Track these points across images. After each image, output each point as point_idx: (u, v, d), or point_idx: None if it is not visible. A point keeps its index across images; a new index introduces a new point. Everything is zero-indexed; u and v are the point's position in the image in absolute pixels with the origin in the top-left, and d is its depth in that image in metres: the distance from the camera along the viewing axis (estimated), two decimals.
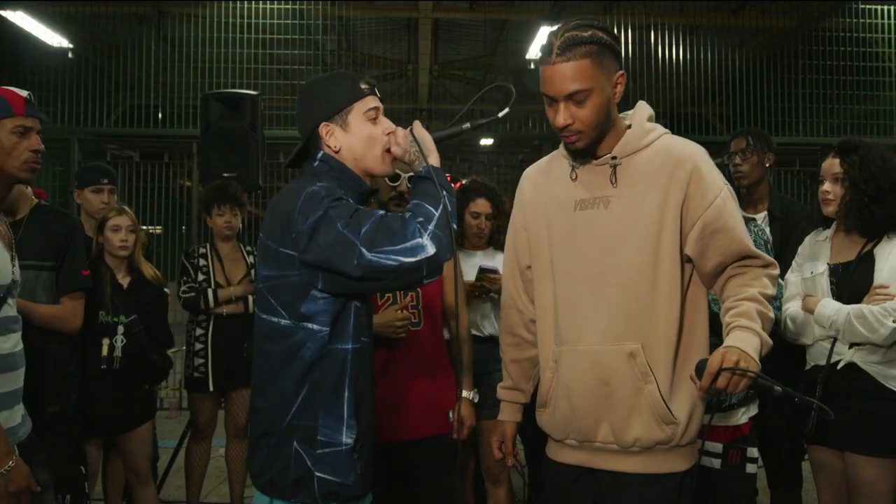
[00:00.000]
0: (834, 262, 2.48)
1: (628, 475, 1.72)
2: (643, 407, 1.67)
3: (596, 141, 1.71)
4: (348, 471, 1.64)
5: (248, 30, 7.46)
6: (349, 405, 1.65)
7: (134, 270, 3.19)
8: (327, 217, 1.55)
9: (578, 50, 1.62)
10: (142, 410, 3.20)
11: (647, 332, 1.68)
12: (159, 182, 7.24)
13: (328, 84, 1.76)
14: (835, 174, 2.46)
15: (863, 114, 8.12)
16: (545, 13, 7.96)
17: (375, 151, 1.73)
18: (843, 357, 2.38)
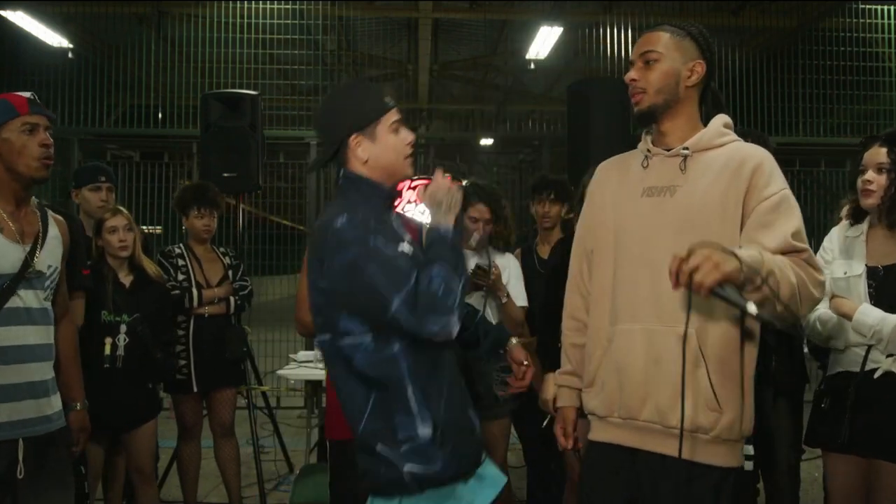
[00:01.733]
0: (873, 264, 2.30)
1: (667, 459, 1.72)
2: (689, 390, 1.67)
3: (659, 110, 1.81)
4: (434, 459, 1.70)
5: (248, 30, 7.46)
6: (416, 400, 1.71)
7: (136, 269, 3.20)
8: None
9: (664, 26, 1.85)
10: (146, 409, 3.21)
11: (702, 318, 1.70)
12: (159, 182, 7.23)
13: (356, 96, 1.84)
14: (880, 164, 2.28)
15: (863, 114, 8.12)
16: (545, 13, 7.95)
17: (400, 159, 1.83)
18: (880, 365, 2.23)
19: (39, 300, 2.09)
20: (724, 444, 1.71)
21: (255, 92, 4.68)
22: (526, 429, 3.51)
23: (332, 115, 1.85)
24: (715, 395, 1.68)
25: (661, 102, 1.81)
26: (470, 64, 12.20)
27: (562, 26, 7.87)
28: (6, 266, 2.01)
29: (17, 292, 2.02)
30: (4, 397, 1.99)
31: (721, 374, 1.69)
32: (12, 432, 1.99)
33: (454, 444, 1.74)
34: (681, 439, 1.66)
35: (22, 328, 2.03)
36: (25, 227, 2.11)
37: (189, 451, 3.70)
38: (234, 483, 3.77)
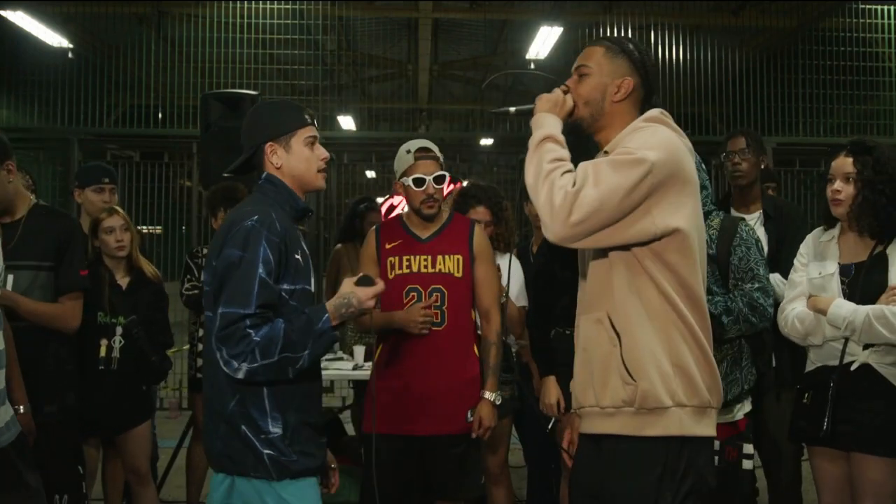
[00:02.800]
0: (845, 263, 2.42)
1: (606, 438, 1.81)
2: (612, 369, 1.77)
3: (585, 122, 1.91)
4: (287, 453, 1.90)
5: (248, 30, 7.46)
6: (269, 402, 1.90)
7: (133, 270, 3.18)
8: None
9: (602, 41, 1.96)
10: (139, 411, 3.19)
11: (611, 300, 1.79)
12: (159, 182, 7.23)
13: (276, 109, 2.07)
14: (846, 173, 2.39)
15: (863, 114, 8.12)
16: (545, 13, 7.95)
17: (310, 172, 2.02)
18: (856, 358, 2.34)
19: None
20: (650, 413, 1.72)
21: (255, 92, 4.68)
22: (526, 429, 3.51)
23: (253, 124, 2.07)
24: (627, 369, 1.74)
25: (586, 115, 1.90)
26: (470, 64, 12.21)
27: (562, 26, 7.88)
28: None
29: None
30: None
31: (634, 349, 1.74)
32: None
33: (303, 446, 1.93)
34: None
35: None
36: None
37: (200, 451, 3.68)
38: None
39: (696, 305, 1.78)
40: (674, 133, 1.81)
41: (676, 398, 1.72)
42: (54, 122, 7.32)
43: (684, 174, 1.75)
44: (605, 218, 1.66)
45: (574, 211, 1.64)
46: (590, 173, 1.67)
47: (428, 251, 2.67)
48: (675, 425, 1.72)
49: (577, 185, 1.66)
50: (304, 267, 1.99)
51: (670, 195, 1.71)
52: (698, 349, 1.76)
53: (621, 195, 1.65)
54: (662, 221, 1.71)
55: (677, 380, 1.72)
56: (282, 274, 1.91)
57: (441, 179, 2.66)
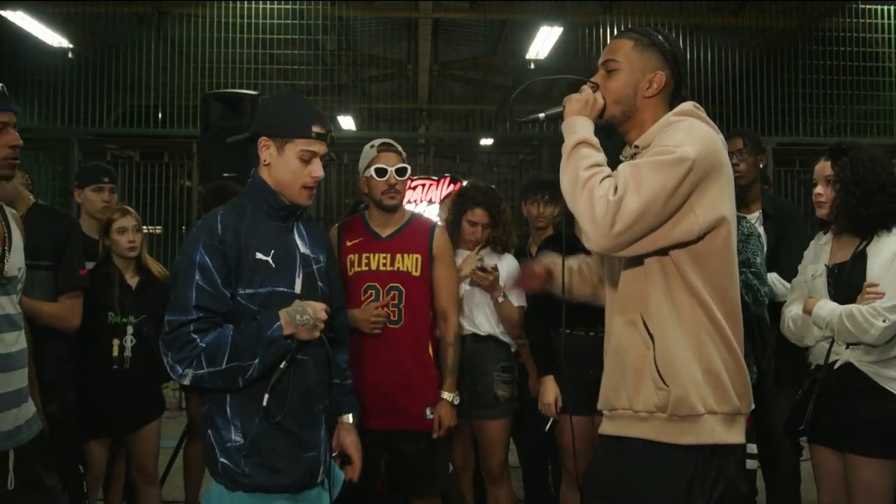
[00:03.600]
0: (831, 263, 2.49)
1: (635, 442, 1.76)
2: (645, 373, 1.73)
3: (617, 121, 1.83)
4: (240, 464, 1.85)
5: (248, 30, 7.46)
6: (231, 410, 1.87)
7: (142, 270, 3.19)
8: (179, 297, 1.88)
9: (630, 33, 1.85)
10: (150, 409, 3.21)
11: (645, 302, 1.74)
12: (159, 182, 7.23)
13: (287, 107, 1.96)
14: (826, 177, 2.47)
15: (863, 114, 8.12)
16: (545, 13, 7.94)
17: (295, 186, 1.93)
18: (840, 357, 2.39)
19: (14, 305, 2.01)
20: (683, 421, 1.69)
21: (255, 92, 4.68)
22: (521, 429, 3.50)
23: (263, 109, 2.01)
24: (659, 373, 1.69)
25: (618, 113, 1.82)
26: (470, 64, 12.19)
27: (562, 26, 7.87)
28: None
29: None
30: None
31: (666, 353, 1.70)
32: (6, 443, 1.93)
33: (267, 459, 1.86)
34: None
35: (5, 335, 1.95)
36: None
37: (197, 450, 3.69)
38: None
39: (730, 309, 1.73)
40: (709, 127, 1.76)
41: (708, 405, 1.67)
42: (54, 122, 7.32)
43: (723, 167, 1.70)
44: (650, 223, 1.60)
45: (617, 221, 1.56)
46: (630, 178, 1.59)
47: (387, 249, 2.70)
48: (707, 433, 1.68)
49: (618, 192, 1.57)
50: (275, 268, 1.91)
51: (712, 190, 1.66)
52: (729, 354, 1.71)
53: (664, 198, 1.58)
54: (705, 216, 1.65)
55: (707, 386, 1.68)
56: (233, 278, 1.87)
57: (403, 172, 2.67)
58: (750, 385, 1.77)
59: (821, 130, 7.73)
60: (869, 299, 2.31)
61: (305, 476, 1.93)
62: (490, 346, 3.12)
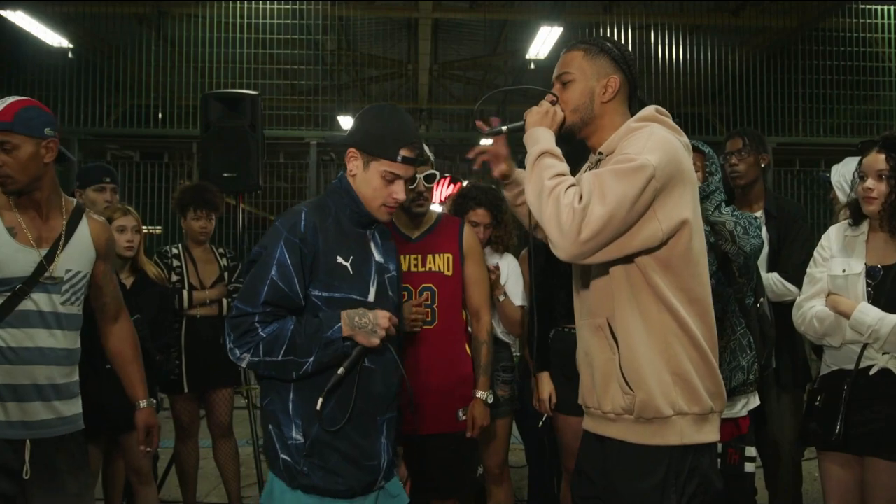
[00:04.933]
0: (872, 264, 2.31)
1: (607, 441, 1.82)
2: (612, 376, 1.78)
3: (577, 128, 1.88)
4: (301, 463, 1.86)
5: (248, 30, 7.46)
6: (293, 407, 1.88)
7: (137, 271, 3.19)
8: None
9: (578, 45, 1.91)
10: None
11: (612, 307, 1.78)
12: (159, 182, 7.24)
13: (385, 125, 1.92)
14: (879, 171, 2.27)
15: (863, 114, 8.12)
16: (545, 13, 7.94)
17: (375, 202, 1.93)
18: (875, 362, 2.25)
19: (55, 304, 2.10)
20: (650, 423, 1.72)
21: (255, 92, 4.68)
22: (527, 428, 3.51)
23: (359, 120, 1.96)
24: (625, 378, 1.73)
25: (577, 121, 1.87)
26: (470, 64, 12.19)
27: (562, 26, 7.87)
28: (17, 270, 2.04)
29: (29, 296, 2.04)
30: (13, 397, 2.02)
31: (631, 358, 1.73)
32: (20, 432, 2.02)
33: (326, 462, 1.86)
34: None
35: (34, 331, 2.06)
36: (44, 232, 2.13)
37: (186, 450, 3.69)
38: (233, 483, 3.76)
39: (699, 310, 1.76)
40: (670, 131, 1.79)
41: (677, 407, 1.70)
42: None
43: (683, 172, 1.73)
44: (615, 230, 1.64)
45: (583, 228, 1.61)
46: (594, 187, 1.63)
47: (418, 250, 2.68)
48: (675, 435, 1.71)
49: (583, 201, 1.62)
50: (352, 275, 1.91)
51: (673, 195, 1.69)
52: (699, 356, 1.74)
53: (628, 205, 1.62)
54: (668, 222, 1.68)
55: (677, 388, 1.71)
56: (309, 278, 1.87)
57: (431, 178, 2.65)
58: (722, 384, 1.79)
59: (821, 130, 7.73)
60: None
61: (361, 484, 1.91)
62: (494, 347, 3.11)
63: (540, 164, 1.74)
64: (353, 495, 1.90)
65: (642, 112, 1.85)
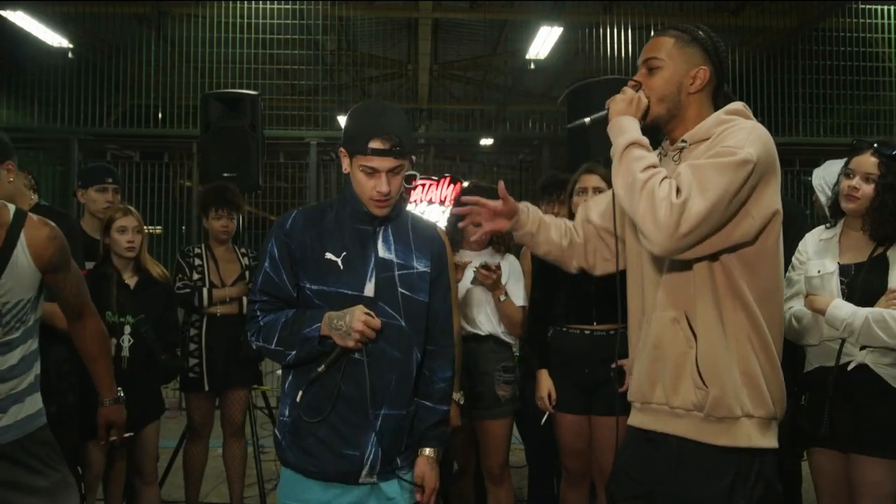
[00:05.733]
0: (845, 262, 2.40)
1: (671, 438, 1.76)
2: (685, 370, 1.72)
3: (663, 119, 1.81)
4: (285, 439, 1.97)
5: (248, 30, 7.45)
6: (288, 386, 2.00)
7: (141, 270, 3.19)
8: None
9: (670, 31, 1.82)
10: (149, 410, 3.21)
11: (691, 301, 1.72)
12: (159, 182, 7.23)
13: (357, 120, 1.93)
14: (868, 173, 2.34)
15: (863, 114, 8.12)
16: (545, 13, 7.95)
17: (363, 197, 1.94)
18: (853, 358, 2.32)
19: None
20: (719, 422, 1.69)
21: (255, 92, 4.69)
22: (528, 429, 3.51)
23: (347, 119, 1.98)
24: (700, 373, 1.69)
25: (662, 112, 1.80)
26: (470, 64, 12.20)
27: (562, 26, 7.87)
28: None
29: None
30: None
31: (708, 353, 1.69)
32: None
33: (304, 443, 1.93)
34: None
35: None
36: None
37: (196, 450, 3.69)
38: (237, 485, 3.77)
39: (773, 313, 1.73)
40: (761, 126, 1.74)
41: (745, 408, 1.68)
42: (54, 122, 7.32)
43: (777, 167, 1.70)
44: (714, 225, 1.59)
45: (682, 223, 1.55)
46: (694, 180, 1.57)
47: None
48: (743, 437, 1.68)
49: (682, 194, 1.56)
50: (342, 270, 1.93)
51: (768, 189, 1.66)
52: (767, 359, 1.71)
53: (728, 200, 1.57)
54: (760, 216, 1.65)
55: (745, 389, 1.68)
56: (299, 271, 1.96)
57: (409, 179, 2.67)
58: (785, 391, 1.76)
59: (821, 130, 7.73)
60: (893, 305, 2.24)
61: (337, 472, 1.92)
62: (491, 345, 3.12)
63: (629, 155, 1.67)
64: (326, 479, 1.93)
65: (731, 106, 1.79)
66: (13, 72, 7.58)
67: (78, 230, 2.87)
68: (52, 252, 2.04)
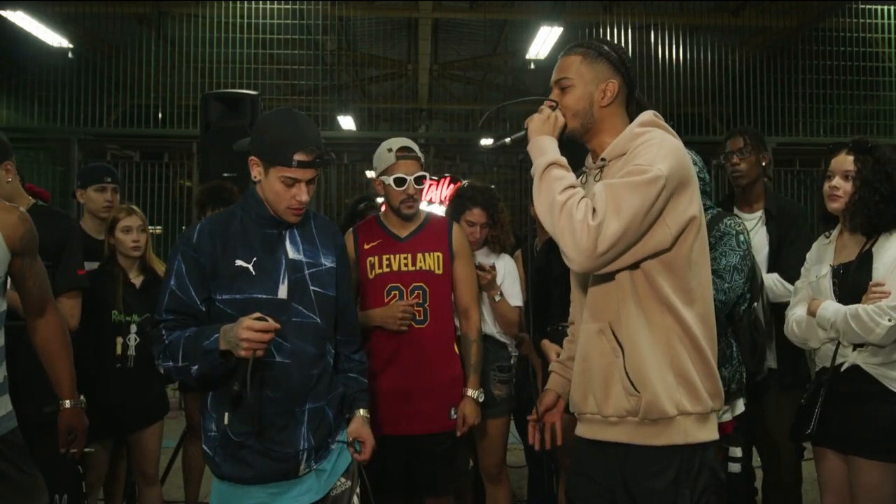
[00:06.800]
0: (836, 264, 2.45)
1: (612, 445, 1.81)
2: (614, 379, 1.77)
3: (577, 133, 1.89)
4: (214, 452, 1.99)
5: (248, 30, 7.46)
6: (210, 401, 2.01)
7: (146, 270, 3.20)
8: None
9: (576, 49, 1.90)
10: (154, 410, 3.21)
11: (614, 310, 1.78)
12: (159, 182, 7.24)
13: (279, 132, 1.94)
14: (846, 171, 2.40)
15: (863, 114, 8.13)
16: (545, 13, 7.95)
17: (279, 206, 1.97)
18: (846, 359, 2.35)
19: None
20: (654, 424, 1.73)
21: (255, 92, 4.69)
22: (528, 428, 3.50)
23: (256, 128, 2.03)
24: (630, 380, 1.74)
25: (577, 126, 1.87)
26: (470, 64, 12.21)
27: (562, 26, 7.88)
28: None
29: None
30: None
31: (636, 361, 1.74)
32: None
33: (239, 454, 1.95)
34: None
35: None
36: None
37: (195, 450, 3.67)
38: None
39: (699, 310, 1.77)
40: (674, 137, 1.80)
41: (681, 407, 1.72)
42: (54, 122, 7.32)
43: (690, 177, 1.74)
44: (629, 242, 1.65)
45: (599, 243, 1.61)
46: (608, 201, 1.63)
47: (408, 249, 2.68)
48: (680, 434, 1.73)
49: (597, 216, 1.62)
50: (255, 275, 1.95)
51: (682, 198, 1.71)
52: (699, 357, 1.75)
53: (642, 217, 1.63)
54: (676, 224, 1.70)
55: (681, 389, 1.73)
56: (210, 284, 1.96)
57: (421, 179, 2.65)
58: (720, 384, 1.81)
59: (821, 130, 7.74)
60: (874, 298, 2.27)
61: (275, 472, 1.96)
62: (487, 346, 3.11)
63: (548, 176, 1.73)
64: (263, 481, 1.97)
65: (642, 117, 1.85)
66: (13, 72, 7.59)
67: (78, 230, 2.87)
68: (23, 233, 2.03)
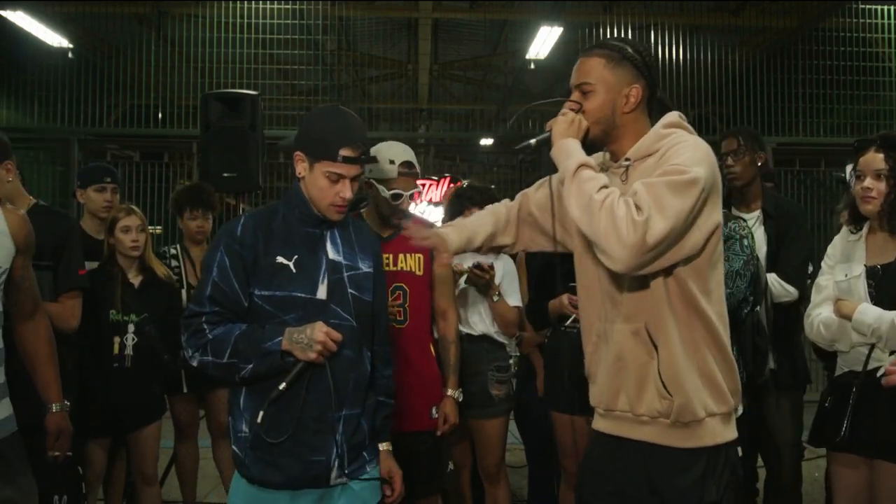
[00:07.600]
0: (871, 264, 2.31)
1: (642, 444, 1.80)
2: (649, 380, 1.76)
3: (598, 139, 1.84)
4: (246, 454, 1.94)
5: (248, 30, 7.46)
6: (243, 401, 1.95)
7: (146, 270, 3.20)
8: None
9: (597, 50, 1.83)
10: (151, 410, 3.21)
11: (652, 312, 1.75)
12: (159, 182, 7.23)
13: (326, 126, 1.94)
14: (877, 170, 2.26)
15: (863, 114, 8.12)
16: (545, 13, 7.95)
17: (323, 202, 1.95)
18: (882, 364, 2.22)
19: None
20: (686, 427, 1.73)
21: (255, 92, 4.68)
22: (528, 428, 3.51)
23: (304, 123, 2.01)
24: (663, 383, 1.73)
25: (599, 133, 1.83)
26: (470, 64, 12.21)
27: (562, 26, 7.88)
28: None
29: None
30: None
31: (670, 363, 1.73)
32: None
33: (267, 455, 1.91)
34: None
35: None
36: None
37: (185, 450, 3.69)
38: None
39: (718, 308, 1.77)
40: (703, 141, 1.77)
41: (708, 409, 1.73)
42: (54, 122, 7.32)
43: (719, 183, 1.74)
44: (674, 241, 1.63)
45: (648, 238, 1.57)
46: (651, 200, 1.61)
47: (389, 250, 2.66)
48: (709, 435, 1.73)
49: (643, 213, 1.59)
50: (295, 273, 1.94)
51: (711, 204, 1.70)
52: (721, 356, 1.76)
53: (684, 219, 1.62)
54: (705, 228, 1.69)
55: (706, 390, 1.73)
56: (251, 278, 1.93)
57: (398, 197, 2.61)
58: (739, 381, 1.81)
59: (821, 130, 7.73)
60: None
61: (306, 478, 1.93)
62: (484, 345, 3.12)
63: (580, 177, 1.70)
64: (294, 487, 1.93)
65: (668, 118, 1.82)
66: (13, 72, 7.59)
67: (77, 230, 2.87)
68: (27, 232, 2.09)
